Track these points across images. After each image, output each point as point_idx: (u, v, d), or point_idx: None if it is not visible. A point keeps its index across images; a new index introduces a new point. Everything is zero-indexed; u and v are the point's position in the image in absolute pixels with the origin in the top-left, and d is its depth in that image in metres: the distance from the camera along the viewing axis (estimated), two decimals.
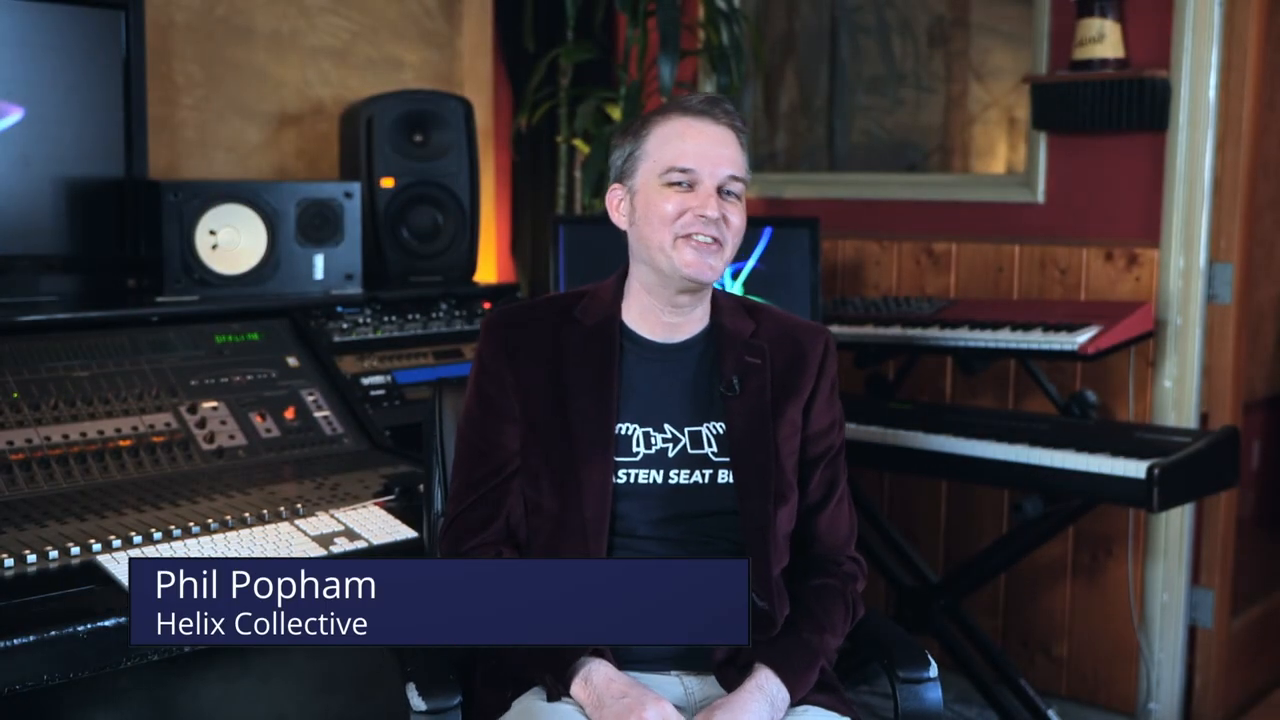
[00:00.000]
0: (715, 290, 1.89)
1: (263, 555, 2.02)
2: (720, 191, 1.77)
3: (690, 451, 1.80)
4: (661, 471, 1.78)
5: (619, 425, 1.79)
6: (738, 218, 1.79)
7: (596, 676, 1.65)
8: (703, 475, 1.79)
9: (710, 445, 1.81)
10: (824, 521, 1.88)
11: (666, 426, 1.81)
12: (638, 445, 1.79)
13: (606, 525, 1.75)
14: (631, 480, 1.78)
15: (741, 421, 1.81)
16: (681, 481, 1.79)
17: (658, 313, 1.83)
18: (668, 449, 1.80)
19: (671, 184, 1.76)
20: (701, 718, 1.65)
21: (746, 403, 1.81)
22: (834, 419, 1.90)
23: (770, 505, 1.79)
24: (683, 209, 1.75)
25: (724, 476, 1.80)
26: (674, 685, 1.76)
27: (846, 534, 1.91)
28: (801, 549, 1.87)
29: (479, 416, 1.84)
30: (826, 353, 1.89)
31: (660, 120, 1.80)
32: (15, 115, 2.71)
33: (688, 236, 1.75)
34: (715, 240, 1.76)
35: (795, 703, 1.72)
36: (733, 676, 1.73)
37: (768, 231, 2.99)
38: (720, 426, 1.81)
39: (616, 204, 1.85)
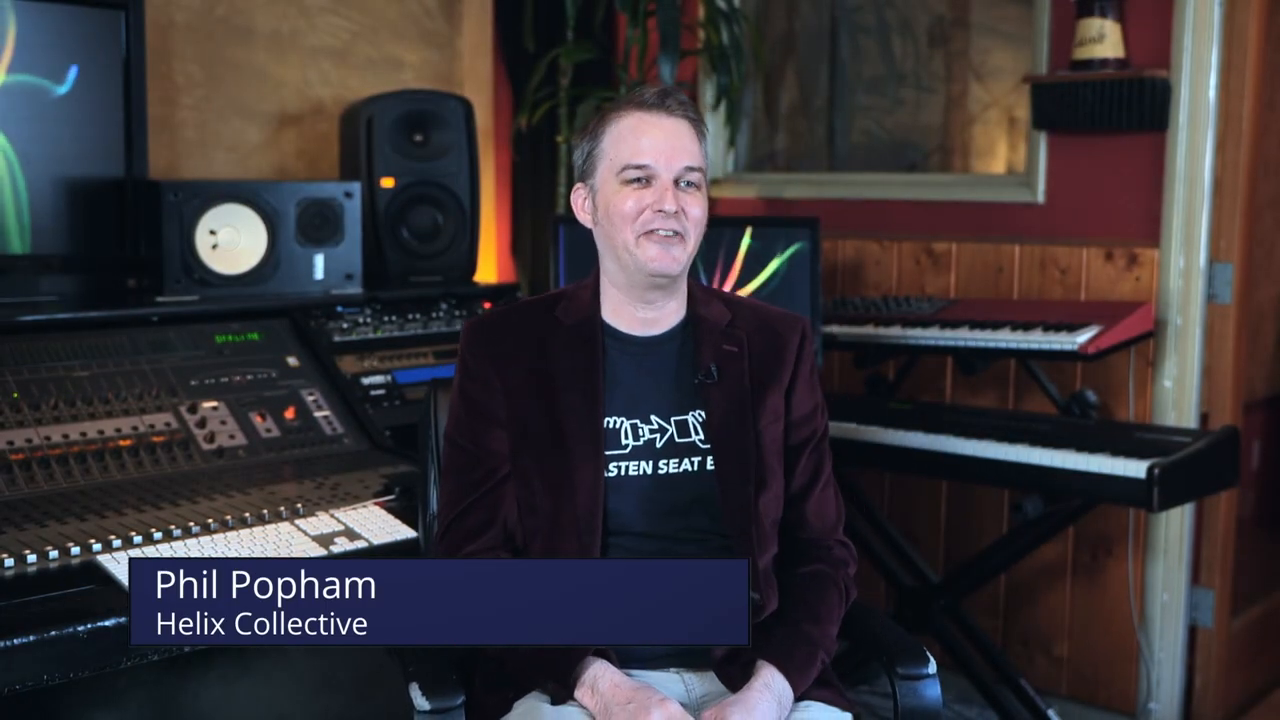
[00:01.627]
0: (691, 282, 1.90)
1: (263, 555, 2.02)
2: (678, 184, 1.78)
3: (678, 440, 1.81)
4: (650, 462, 1.80)
5: (606, 419, 1.80)
6: (697, 209, 1.79)
7: (603, 683, 1.65)
8: (691, 463, 1.81)
9: (697, 433, 1.82)
10: (811, 507, 1.89)
11: (653, 418, 1.82)
12: (626, 438, 1.80)
13: (599, 521, 1.75)
14: (622, 473, 1.79)
15: (721, 409, 1.82)
16: (671, 471, 1.80)
17: (631, 308, 1.85)
18: (655, 439, 1.81)
19: (628, 181, 1.78)
20: (712, 714, 1.65)
21: (725, 389, 1.83)
22: (816, 404, 1.91)
23: (751, 490, 1.80)
24: (641, 206, 1.77)
25: (713, 463, 1.81)
26: (674, 682, 1.76)
27: (834, 519, 1.92)
28: (790, 536, 1.88)
29: (467, 421, 1.84)
30: (804, 340, 1.91)
31: (615, 117, 1.81)
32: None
33: (649, 233, 1.77)
34: (676, 234, 1.77)
35: (797, 698, 1.72)
36: (734, 674, 1.73)
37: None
38: (704, 414, 1.83)
39: (581, 203, 1.87)
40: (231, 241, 2.88)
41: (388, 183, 3.20)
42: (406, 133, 3.23)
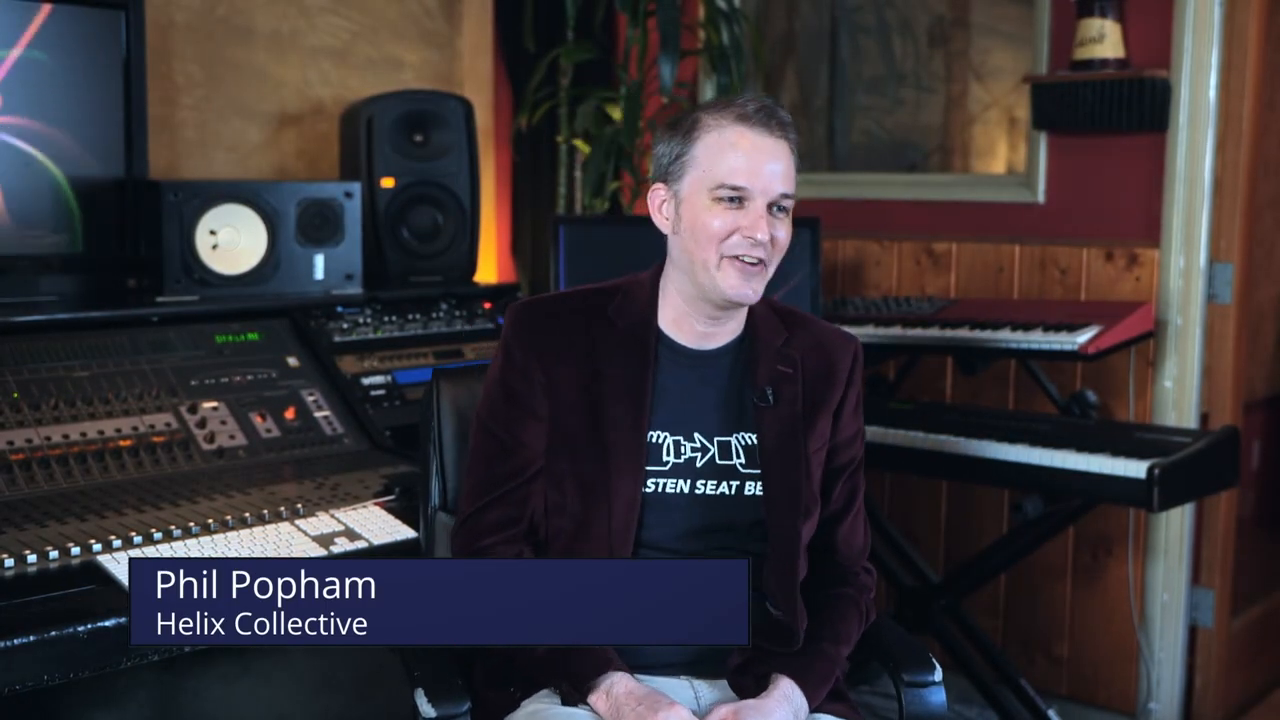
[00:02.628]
0: None
1: (263, 555, 2.02)
2: (770, 209, 1.72)
3: (718, 462, 1.77)
4: (689, 481, 1.75)
5: (652, 434, 1.75)
6: (784, 233, 1.74)
7: (618, 689, 1.64)
8: (729, 486, 1.77)
9: (739, 457, 1.78)
10: (843, 532, 1.86)
11: (697, 436, 1.77)
12: (668, 454, 1.76)
13: (633, 536, 1.71)
14: (659, 489, 1.74)
15: (773, 434, 1.77)
16: (708, 492, 1.76)
17: (693, 321, 1.79)
18: (696, 459, 1.76)
19: (720, 199, 1.70)
20: (729, 713, 1.64)
21: (779, 414, 1.78)
22: (858, 429, 1.88)
23: (799, 520, 1.76)
24: (732, 228, 1.70)
25: (750, 488, 1.77)
26: (684, 690, 1.74)
27: (862, 545, 1.89)
28: (819, 558, 1.85)
29: (504, 411, 1.78)
30: (855, 363, 1.87)
31: (713, 124, 1.73)
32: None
33: (734, 258, 1.70)
34: (760, 262, 1.71)
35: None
36: (747, 685, 1.71)
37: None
38: (750, 438, 1.78)
39: (659, 205, 1.78)
40: (231, 241, 2.88)
41: (388, 183, 3.20)
42: (406, 133, 3.23)
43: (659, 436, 1.75)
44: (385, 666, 1.92)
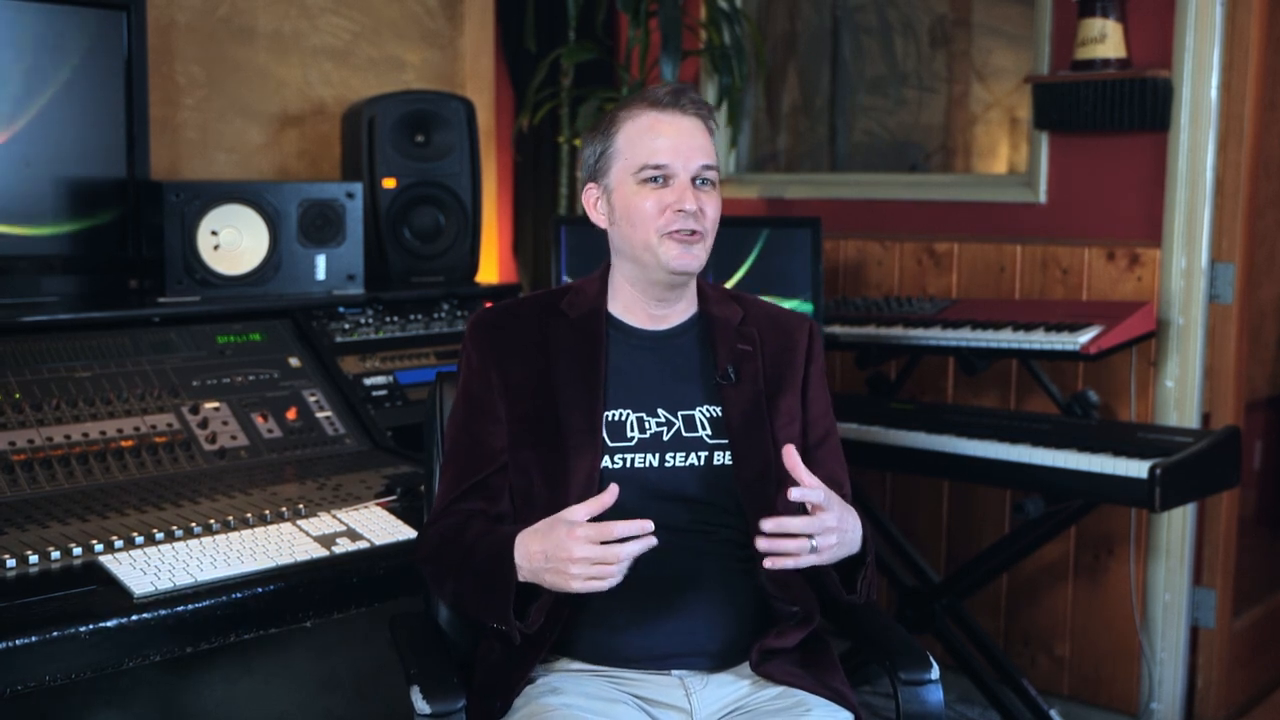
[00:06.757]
0: (700, 280, 1.91)
1: (264, 555, 2.02)
2: (694, 182, 1.79)
3: (685, 435, 1.81)
4: (657, 455, 1.79)
5: (612, 412, 1.80)
6: (713, 208, 1.81)
7: (523, 552, 1.66)
8: (698, 457, 1.80)
9: (704, 428, 1.82)
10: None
11: (660, 411, 1.82)
12: (632, 430, 1.80)
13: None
14: (628, 465, 1.78)
15: (738, 410, 1.82)
16: (678, 464, 1.79)
17: (643, 305, 1.86)
18: (662, 433, 1.81)
19: (646, 181, 1.79)
20: None
21: (742, 391, 1.84)
22: (827, 403, 1.93)
23: (772, 490, 1.79)
24: (662, 206, 1.78)
25: (719, 458, 1.80)
26: (674, 688, 1.74)
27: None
28: None
29: (465, 417, 1.86)
30: (813, 339, 1.93)
31: (628, 116, 1.82)
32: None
33: (671, 234, 1.77)
34: (695, 233, 1.78)
35: (800, 687, 1.73)
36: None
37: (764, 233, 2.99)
38: (714, 410, 1.83)
39: (593, 203, 1.88)
40: (233, 242, 2.89)
41: (389, 183, 3.20)
42: (408, 133, 3.24)
43: (621, 414, 1.81)
44: (385, 666, 1.92)
